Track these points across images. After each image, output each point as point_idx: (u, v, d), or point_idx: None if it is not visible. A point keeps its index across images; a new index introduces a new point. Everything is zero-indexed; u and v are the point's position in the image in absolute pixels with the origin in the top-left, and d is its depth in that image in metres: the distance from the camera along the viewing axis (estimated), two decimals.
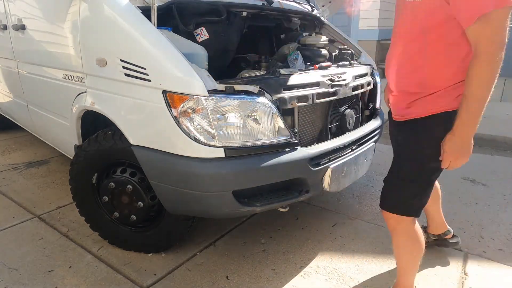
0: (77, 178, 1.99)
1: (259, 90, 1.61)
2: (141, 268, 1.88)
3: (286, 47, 2.35)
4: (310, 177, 1.73)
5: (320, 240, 2.13)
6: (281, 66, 1.96)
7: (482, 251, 2.02)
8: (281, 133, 1.64)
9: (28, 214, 2.40)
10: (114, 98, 1.76)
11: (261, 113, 1.59)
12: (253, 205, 1.64)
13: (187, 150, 1.55)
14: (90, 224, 2.07)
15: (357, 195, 2.70)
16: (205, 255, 2.00)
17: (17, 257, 1.96)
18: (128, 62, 1.63)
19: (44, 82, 2.38)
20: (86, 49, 1.85)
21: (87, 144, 1.90)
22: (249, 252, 2.02)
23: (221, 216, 2.03)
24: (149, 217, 1.93)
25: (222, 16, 1.94)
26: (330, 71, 2.03)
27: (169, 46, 1.55)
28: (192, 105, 1.51)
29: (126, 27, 1.64)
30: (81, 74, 1.96)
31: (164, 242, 1.98)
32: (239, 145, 1.57)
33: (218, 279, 1.81)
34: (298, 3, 2.70)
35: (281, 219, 2.33)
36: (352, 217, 2.37)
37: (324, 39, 2.38)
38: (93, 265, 1.90)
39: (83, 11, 1.81)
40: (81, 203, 2.05)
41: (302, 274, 1.85)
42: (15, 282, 1.77)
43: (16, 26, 2.45)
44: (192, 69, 1.51)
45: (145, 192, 1.84)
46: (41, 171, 3.11)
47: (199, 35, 1.90)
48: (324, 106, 1.98)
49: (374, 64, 2.57)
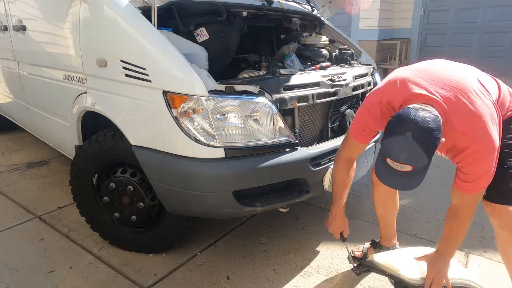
0: (77, 178, 1.99)
1: (259, 91, 1.61)
2: (141, 269, 1.88)
3: (286, 47, 2.35)
4: (311, 177, 1.73)
5: (320, 240, 2.13)
6: (281, 66, 1.97)
7: (483, 251, 2.02)
8: (281, 133, 1.64)
9: (29, 215, 2.40)
10: (115, 99, 1.77)
11: (262, 113, 1.59)
12: (253, 205, 1.64)
13: (187, 150, 1.56)
14: (91, 225, 2.07)
15: (357, 195, 2.70)
16: (206, 255, 2.00)
17: (17, 258, 1.96)
18: (128, 62, 1.64)
19: (44, 82, 2.38)
20: (86, 49, 1.85)
21: (87, 145, 1.91)
22: (250, 252, 2.02)
23: (222, 217, 2.03)
24: (150, 217, 1.93)
25: (222, 16, 1.94)
26: (330, 71, 2.03)
27: (169, 46, 1.55)
28: (193, 106, 1.51)
29: (126, 28, 1.64)
30: (81, 75, 1.96)
31: (164, 243, 1.98)
32: (239, 145, 1.57)
33: (219, 279, 1.81)
34: (298, 3, 2.70)
35: (281, 219, 2.33)
36: (353, 217, 2.37)
37: (324, 39, 2.38)
38: (93, 265, 1.90)
39: (83, 12, 1.81)
40: (81, 203, 2.05)
41: (303, 274, 1.85)
42: (15, 283, 1.77)
43: (17, 27, 2.46)
44: (192, 70, 1.51)
45: (145, 192, 1.84)
46: (42, 172, 3.12)
47: (199, 35, 1.91)
48: (324, 106, 1.98)
49: (374, 64, 2.57)
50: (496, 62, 6.66)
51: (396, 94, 1.29)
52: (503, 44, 6.55)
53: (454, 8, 6.85)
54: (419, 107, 1.16)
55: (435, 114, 1.15)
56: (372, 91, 1.42)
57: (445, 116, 1.19)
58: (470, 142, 1.20)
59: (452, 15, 6.91)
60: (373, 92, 1.41)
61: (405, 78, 1.30)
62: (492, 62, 6.68)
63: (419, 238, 2.13)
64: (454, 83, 1.24)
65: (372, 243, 1.92)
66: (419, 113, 1.13)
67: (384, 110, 1.34)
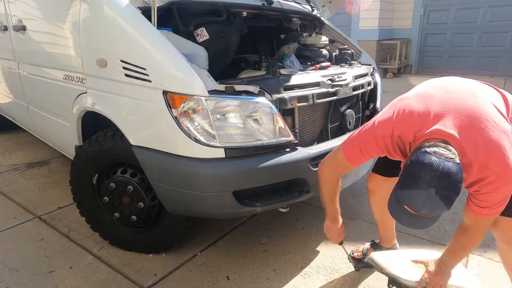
0: (77, 178, 1.99)
1: (259, 91, 1.61)
2: (141, 269, 1.88)
3: (286, 47, 2.35)
4: (311, 177, 1.73)
5: (320, 240, 2.13)
6: (281, 66, 1.97)
7: (483, 251, 2.02)
8: (281, 133, 1.64)
9: (29, 215, 2.40)
10: (115, 99, 1.77)
11: (262, 113, 1.59)
12: (253, 205, 1.65)
13: (187, 150, 1.56)
14: (91, 225, 2.07)
15: (357, 195, 2.70)
16: (206, 255, 2.00)
17: (18, 258, 1.96)
18: (128, 62, 1.64)
19: (44, 82, 2.38)
20: (86, 49, 1.85)
21: (87, 145, 1.91)
22: (250, 252, 2.02)
23: (222, 217, 2.03)
24: (150, 217, 1.93)
25: (222, 16, 1.94)
26: (330, 71, 2.03)
27: (169, 46, 1.55)
28: (193, 106, 1.51)
29: (126, 28, 1.64)
30: (81, 75, 1.96)
31: (164, 243, 1.98)
32: (239, 145, 1.57)
33: (219, 279, 1.81)
34: (298, 3, 2.70)
35: (281, 219, 2.33)
36: (353, 217, 2.37)
37: (324, 39, 2.38)
38: (93, 265, 1.90)
39: (83, 12, 1.81)
40: (81, 203, 2.05)
41: (303, 274, 1.85)
42: (16, 283, 1.77)
43: (17, 27, 2.46)
44: (193, 70, 1.51)
45: (145, 192, 1.84)
46: (42, 172, 3.12)
47: (199, 35, 1.90)
48: (324, 106, 1.98)
49: (374, 64, 2.57)
50: (496, 62, 6.67)
51: (410, 127, 1.21)
52: (503, 44, 6.55)
53: (454, 8, 6.86)
54: (442, 153, 1.08)
55: (457, 162, 1.07)
56: (384, 119, 1.29)
57: (461, 150, 1.13)
58: (488, 173, 1.13)
59: (452, 15, 6.92)
60: (385, 121, 1.29)
61: (416, 109, 1.21)
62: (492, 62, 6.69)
63: (419, 238, 2.13)
64: (470, 111, 1.16)
65: (372, 244, 1.92)
66: (445, 165, 1.05)
67: (395, 143, 1.27)
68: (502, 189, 1.15)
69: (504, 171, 1.12)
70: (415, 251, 1.75)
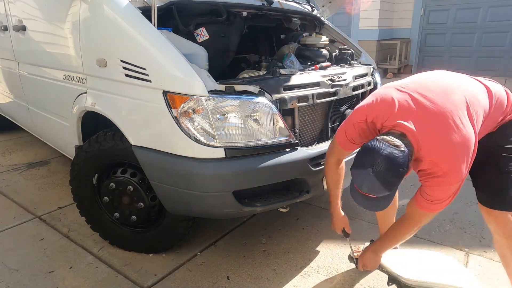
0: (77, 178, 1.99)
1: (259, 91, 1.61)
2: (141, 269, 1.88)
3: (286, 47, 2.35)
4: (311, 177, 1.73)
5: (320, 240, 2.13)
6: (281, 66, 1.97)
7: (483, 251, 2.02)
8: (281, 133, 1.64)
9: (29, 215, 2.40)
10: (115, 99, 1.77)
11: (262, 113, 1.59)
12: (253, 205, 1.65)
13: (187, 150, 1.56)
14: (91, 225, 2.07)
15: None
16: (206, 255, 2.00)
17: (18, 258, 1.96)
18: (128, 62, 1.64)
19: (44, 83, 2.38)
20: (86, 49, 1.85)
21: (87, 145, 1.91)
22: (250, 252, 2.02)
23: (222, 217, 2.03)
24: (150, 217, 1.93)
25: (222, 16, 1.94)
26: (330, 71, 2.03)
27: (169, 46, 1.55)
28: (193, 106, 1.51)
29: (126, 28, 1.64)
30: (81, 75, 1.96)
31: (164, 243, 1.98)
32: (239, 145, 1.57)
33: (219, 279, 1.81)
34: (298, 3, 2.70)
35: (281, 219, 2.33)
36: (353, 217, 2.37)
37: (324, 39, 2.38)
38: (93, 265, 1.90)
39: (83, 12, 1.81)
40: (81, 203, 2.05)
41: (303, 274, 1.85)
42: (16, 283, 1.77)
43: (17, 27, 2.46)
44: (193, 70, 1.51)
45: (145, 192, 1.84)
46: (42, 172, 3.12)
47: (199, 35, 1.90)
48: (324, 106, 1.98)
49: (374, 64, 2.57)
50: (496, 62, 6.66)
51: (380, 114, 1.29)
52: (503, 44, 6.55)
53: (454, 8, 6.85)
54: (389, 140, 1.17)
55: (402, 149, 1.15)
56: (361, 106, 1.39)
57: (417, 145, 1.20)
58: (436, 169, 1.21)
59: (452, 15, 6.91)
60: (361, 108, 1.38)
61: (391, 99, 1.28)
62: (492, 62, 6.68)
63: (419, 238, 2.12)
64: (437, 110, 1.21)
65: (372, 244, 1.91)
66: (386, 150, 1.14)
67: (369, 128, 1.35)
68: (445, 186, 1.23)
69: (451, 171, 1.20)
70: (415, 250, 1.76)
